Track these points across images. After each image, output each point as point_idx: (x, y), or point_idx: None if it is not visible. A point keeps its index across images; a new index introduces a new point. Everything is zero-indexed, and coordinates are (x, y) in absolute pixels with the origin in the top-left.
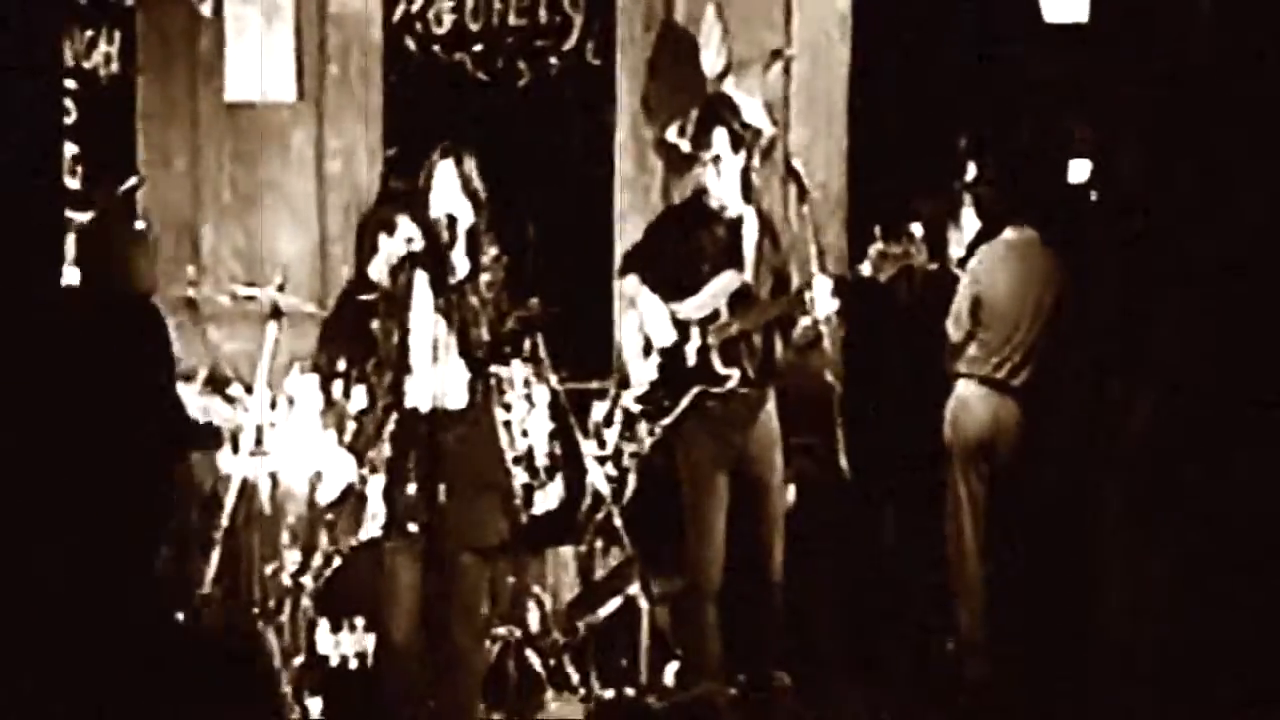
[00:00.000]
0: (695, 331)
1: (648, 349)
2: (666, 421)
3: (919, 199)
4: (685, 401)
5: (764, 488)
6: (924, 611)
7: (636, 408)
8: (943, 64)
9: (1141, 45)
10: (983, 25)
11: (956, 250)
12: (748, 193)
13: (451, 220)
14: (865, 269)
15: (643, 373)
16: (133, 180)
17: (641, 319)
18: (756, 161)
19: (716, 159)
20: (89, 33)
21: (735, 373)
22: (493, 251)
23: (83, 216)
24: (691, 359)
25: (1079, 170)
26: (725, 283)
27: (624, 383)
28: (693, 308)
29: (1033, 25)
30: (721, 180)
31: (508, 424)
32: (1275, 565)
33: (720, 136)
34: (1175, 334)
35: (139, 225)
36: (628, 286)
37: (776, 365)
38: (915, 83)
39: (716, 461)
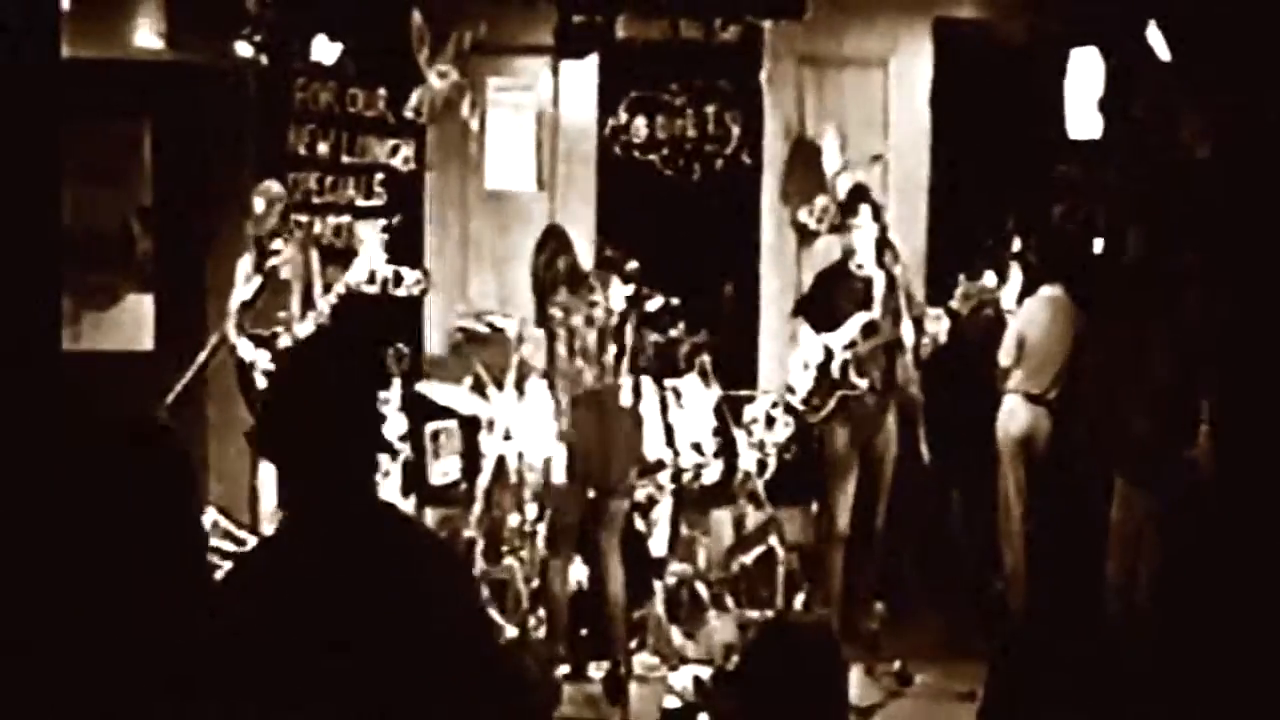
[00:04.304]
0: (838, 353)
1: (807, 366)
2: (819, 416)
3: (981, 262)
4: (832, 402)
5: (879, 468)
6: (981, 559)
7: (801, 407)
8: (997, 165)
9: (1138, 155)
10: (1027, 139)
11: (1007, 303)
12: (880, 255)
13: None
14: (954, 303)
15: (803, 382)
16: (386, 221)
17: (802, 345)
18: (891, 234)
19: (860, 227)
20: (393, 141)
21: (865, 382)
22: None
23: (389, 269)
24: (836, 373)
25: (1096, 245)
26: (859, 320)
27: (790, 389)
28: (837, 337)
29: (1061, 140)
30: (862, 243)
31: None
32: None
33: (864, 211)
34: (1163, 363)
35: (416, 275)
36: (795, 324)
37: (895, 378)
38: (977, 178)
39: (851, 444)
